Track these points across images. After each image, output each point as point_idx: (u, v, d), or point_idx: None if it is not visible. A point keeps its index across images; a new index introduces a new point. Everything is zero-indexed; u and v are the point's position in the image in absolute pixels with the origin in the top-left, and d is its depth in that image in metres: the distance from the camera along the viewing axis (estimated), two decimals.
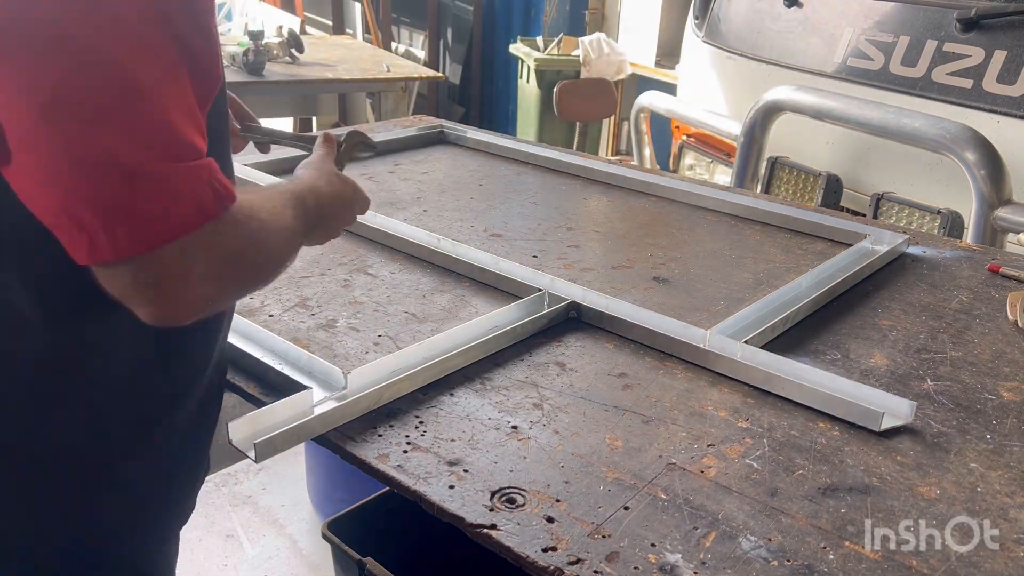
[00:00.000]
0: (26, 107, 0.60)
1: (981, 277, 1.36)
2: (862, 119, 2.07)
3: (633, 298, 1.22)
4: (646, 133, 3.14)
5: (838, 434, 0.91)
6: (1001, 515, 0.78)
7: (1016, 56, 1.93)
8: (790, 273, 1.35)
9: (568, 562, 0.70)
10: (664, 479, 0.82)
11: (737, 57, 2.66)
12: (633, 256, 1.41)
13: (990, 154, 1.81)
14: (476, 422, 0.90)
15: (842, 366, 1.06)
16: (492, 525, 0.75)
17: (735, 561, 0.71)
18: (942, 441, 0.90)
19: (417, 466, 0.83)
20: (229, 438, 0.83)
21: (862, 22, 2.29)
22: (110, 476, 0.79)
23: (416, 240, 1.36)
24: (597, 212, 1.67)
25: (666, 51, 4.43)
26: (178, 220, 0.63)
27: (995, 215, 1.81)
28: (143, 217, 0.62)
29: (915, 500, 0.80)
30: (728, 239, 1.51)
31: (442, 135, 2.08)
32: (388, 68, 3.78)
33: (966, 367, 1.07)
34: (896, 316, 1.21)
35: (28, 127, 0.61)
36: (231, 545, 2.20)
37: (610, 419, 0.92)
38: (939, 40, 2.08)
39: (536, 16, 5.51)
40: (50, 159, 0.61)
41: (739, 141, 2.39)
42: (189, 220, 0.64)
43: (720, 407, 0.95)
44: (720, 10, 2.76)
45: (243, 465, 2.46)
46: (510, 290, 1.23)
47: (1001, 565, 0.72)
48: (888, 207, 2.04)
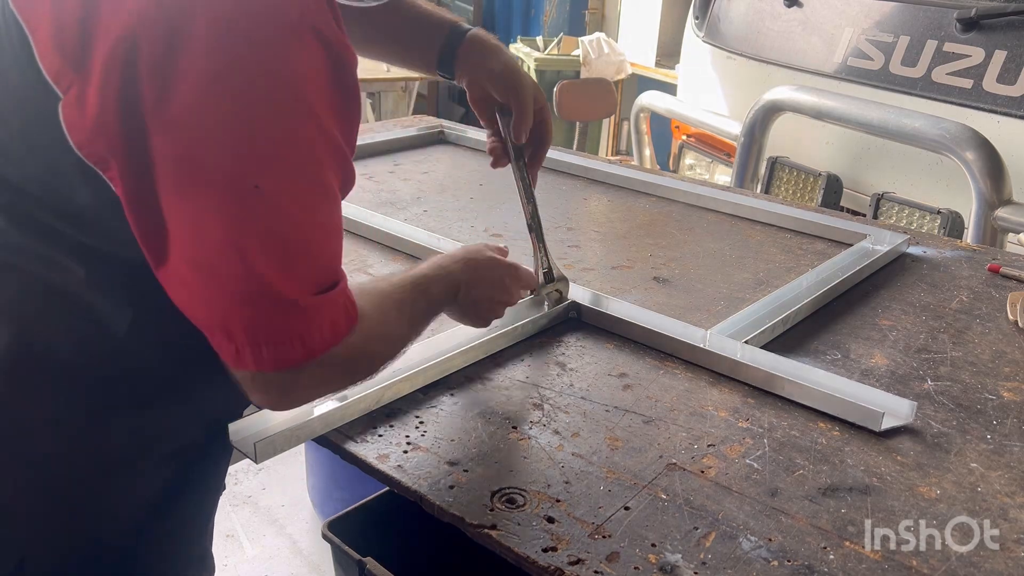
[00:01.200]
0: (198, 235, 0.65)
1: (981, 277, 1.36)
2: (862, 119, 2.07)
3: (633, 298, 1.22)
4: (646, 133, 3.14)
5: (838, 434, 0.91)
6: (1001, 515, 0.78)
7: (1016, 56, 1.93)
8: (790, 273, 1.35)
9: (568, 562, 0.70)
10: (664, 479, 0.82)
11: (737, 57, 2.66)
12: (633, 256, 1.41)
13: (990, 154, 1.81)
14: (476, 422, 0.90)
15: (842, 366, 1.06)
16: (492, 525, 0.75)
17: (735, 561, 0.71)
18: (942, 441, 0.90)
19: (417, 466, 0.83)
20: (229, 438, 0.83)
21: (862, 22, 2.29)
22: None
23: (416, 240, 1.36)
24: (597, 212, 1.67)
25: (666, 51, 4.43)
26: (317, 345, 0.70)
27: (995, 215, 1.81)
28: (288, 342, 0.68)
29: (915, 500, 0.80)
30: (728, 239, 1.51)
31: (442, 135, 2.08)
32: (388, 68, 3.78)
33: (966, 367, 1.07)
34: (896, 316, 1.21)
35: (202, 253, 0.65)
36: (231, 545, 2.20)
37: (610, 419, 0.92)
38: (939, 40, 2.08)
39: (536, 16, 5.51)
40: (219, 285, 0.66)
41: (739, 141, 2.39)
42: (325, 343, 0.71)
43: (720, 407, 0.95)
44: (720, 10, 2.76)
45: (243, 465, 2.46)
46: None
47: (1001, 565, 0.72)
48: (888, 207, 2.04)
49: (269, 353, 0.68)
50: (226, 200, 0.64)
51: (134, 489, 0.78)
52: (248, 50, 0.62)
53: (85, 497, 0.76)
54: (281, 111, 0.65)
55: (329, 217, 0.71)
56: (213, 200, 0.64)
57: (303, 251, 0.69)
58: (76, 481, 0.75)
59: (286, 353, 0.68)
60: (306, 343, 0.69)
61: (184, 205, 0.64)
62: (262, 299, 0.67)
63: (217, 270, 0.66)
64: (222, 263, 0.65)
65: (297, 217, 0.67)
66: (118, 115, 0.62)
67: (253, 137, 0.64)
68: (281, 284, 0.67)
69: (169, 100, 0.61)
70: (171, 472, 0.80)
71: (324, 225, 0.71)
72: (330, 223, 0.71)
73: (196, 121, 0.62)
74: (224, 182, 0.64)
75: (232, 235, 0.65)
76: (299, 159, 0.66)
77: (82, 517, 0.76)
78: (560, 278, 1.15)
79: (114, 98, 0.62)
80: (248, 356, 0.68)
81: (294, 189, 0.66)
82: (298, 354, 0.69)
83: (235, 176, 0.64)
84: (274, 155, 0.65)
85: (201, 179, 0.63)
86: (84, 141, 0.64)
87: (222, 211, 0.64)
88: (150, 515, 0.80)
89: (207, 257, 0.66)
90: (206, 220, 0.64)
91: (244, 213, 0.65)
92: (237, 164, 0.64)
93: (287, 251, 0.67)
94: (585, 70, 4.58)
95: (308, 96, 0.66)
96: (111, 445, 0.75)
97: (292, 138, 0.66)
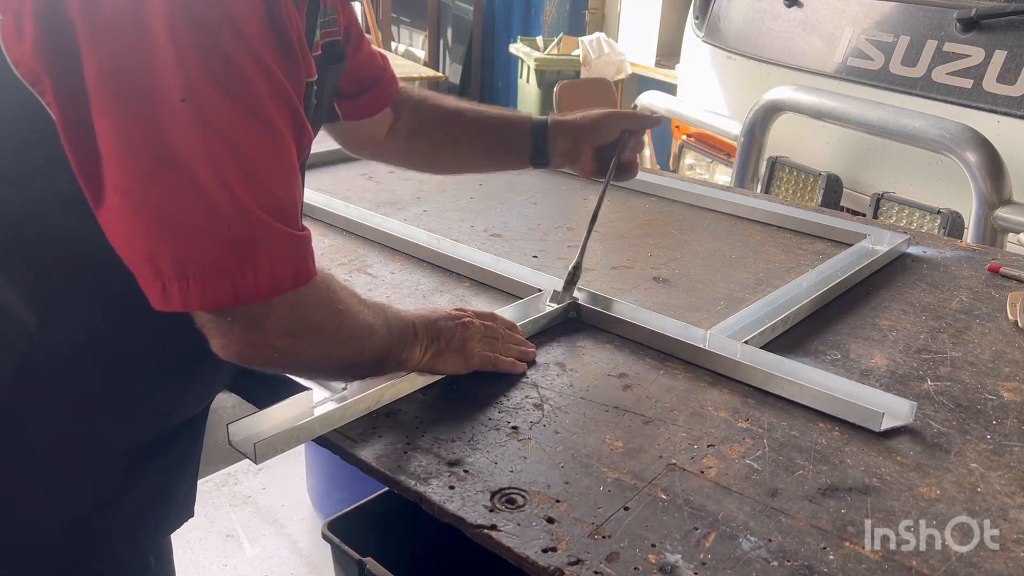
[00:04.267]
0: (129, 157, 0.63)
1: (981, 277, 1.36)
2: (862, 119, 2.07)
3: (633, 298, 1.22)
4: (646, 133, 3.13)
5: (838, 434, 0.91)
6: (1001, 515, 0.78)
7: (1016, 56, 1.93)
8: (790, 273, 1.35)
9: (568, 562, 0.70)
10: (664, 479, 0.82)
11: (737, 57, 2.66)
12: (633, 256, 1.41)
13: (990, 154, 1.81)
14: (476, 422, 0.90)
15: (842, 366, 1.06)
16: (492, 526, 0.75)
17: (735, 561, 0.71)
18: (942, 441, 0.90)
19: (417, 466, 0.83)
20: (229, 439, 0.83)
21: (862, 22, 2.29)
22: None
23: (416, 240, 1.36)
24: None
25: (666, 51, 4.43)
26: (274, 282, 0.68)
27: (995, 215, 1.81)
28: (237, 274, 0.66)
29: (915, 500, 0.80)
30: (728, 239, 1.51)
31: None
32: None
33: (966, 367, 1.07)
34: (896, 316, 1.21)
35: (131, 178, 0.63)
36: (231, 545, 2.20)
37: (610, 419, 0.92)
38: (939, 40, 2.08)
39: (536, 16, 5.51)
40: (146, 212, 0.64)
41: (739, 141, 2.39)
42: (284, 282, 0.69)
43: (720, 407, 0.95)
44: (720, 10, 2.76)
45: (243, 465, 2.47)
46: (510, 290, 1.23)
47: (1001, 565, 0.72)
48: (888, 207, 2.04)
49: (197, 288, 0.65)
50: (153, 114, 0.62)
51: (68, 490, 0.77)
52: None
53: (11, 497, 0.75)
54: (212, 31, 0.63)
55: (275, 152, 0.68)
56: (139, 116, 0.62)
57: (246, 172, 0.65)
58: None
59: (218, 288, 0.65)
60: (260, 277, 0.66)
61: (110, 125, 0.62)
62: (198, 219, 0.64)
63: (146, 192, 0.63)
64: (150, 183, 0.63)
65: (233, 137, 0.65)
66: (50, 31, 0.61)
67: (181, 53, 0.61)
68: (219, 195, 0.64)
69: (99, 7, 0.60)
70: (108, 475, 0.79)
71: (269, 157, 0.68)
72: (278, 159, 0.68)
73: (122, 31, 0.61)
74: (148, 95, 0.62)
75: (159, 148, 0.63)
76: (232, 82, 0.64)
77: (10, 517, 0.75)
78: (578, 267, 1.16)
79: (46, 10, 0.61)
80: (175, 293, 0.65)
81: (229, 111, 0.64)
82: (253, 288, 0.66)
83: (160, 89, 0.62)
84: (204, 73, 0.63)
85: (125, 94, 0.62)
86: (20, 59, 0.63)
87: (149, 126, 0.62)
88: (91, 512, 0.78)
89: (135, 180, 0.63)
90: (133, 136, 0.62)
91: (175, 127, 0.62)
92: (162, 78, 0.61)
93: (225, 166, 0.64)
94: (585, 70, 4.58)
95: (241, 25, 0.64)
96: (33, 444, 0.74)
97: (225, 60, 0.63)
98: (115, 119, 0.62)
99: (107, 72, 0.62)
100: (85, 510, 0.78)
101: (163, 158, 0.63)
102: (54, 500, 0.76)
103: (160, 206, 0.64)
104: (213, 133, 0.64)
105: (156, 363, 0.78)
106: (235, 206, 0.65)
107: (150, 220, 0.64)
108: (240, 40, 0.64)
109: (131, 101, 0.62)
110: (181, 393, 0.84)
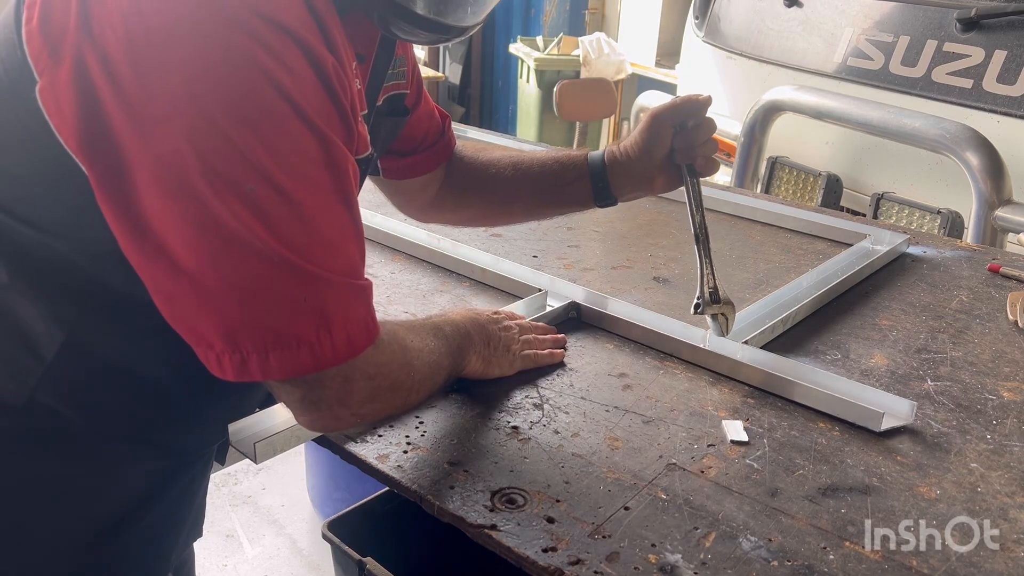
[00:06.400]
0: (198, 237, 0.62)
1: (981, 277, 1.36)
2: (862, 119, 2.07)
3: (633, 298, 1.22)
4: None
5: (838, 434, 0.91)
6: (1001, 515, 0.78)
7: (1016, 56, 1.93)
8: (790, 273, 1.35)
9: (568, 562, 0.70)
10: (664, 479, 0.82)
11: (737, 57, 2.66)
12: (633, 256, 1.41)
13: (990, 154, 1.81)
14: (476, 422, 0.90)
15: (842, 366, 1.06)
16: (492, 525, 0.75)
17: (735, 561, 0.71)
18: (942, 441, 0.90)
19: (417, 466, 0.83)
20: (229, 439, 0.83)
21: (862, 22, 2.29)
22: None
23: (416, 240, 1.36)
24: (597, 212, 1.66)
25: (666, 51, 4.43)
26: (343, 345, 0.67)
27: (995, 215, 1.81)
28: (304, 344, 0.65)
29: (915, 500, 0.80)
30: (728, 239, 1.51)
31: None
32: None
33: (966, 367, 1.07)
34: (896, 316, 1.21)
35: (200, 257, 0.62)
36: (231, 545, 2.20)
37: (610, 419, 0.92)
38: (939, 40, 2.08)
39: (536, 16, 5.50)
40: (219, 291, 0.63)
41: (739, 141, 2.39)
42: (358, 341, 0.69)
43: (720, 407, 0.95)
44: (720, 10, 2.76)
45: (243, 465, 2.46)
46: (510, 290, 1.23)
47: (1001, 565, 0.72)
48: (888, 207, 2.04)
49: (276, 358, 0.64)
50: (218, 203, 0.61)
51: (75, 521, 0.76)
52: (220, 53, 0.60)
53: (20, 524, 0.74)
54: (262, 109, 0.61)
55: (339, 216, 0.67)
56: (204, 205, 0.61)
57: (317, 241, 0.65)
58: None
59: (296, 356, 0.65)
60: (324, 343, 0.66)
61: (169, 207, 0.61)
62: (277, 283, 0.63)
63: (217, 270, 0.62)
64: (218, 262, 0.62)
65: (301, 206, 0.64)
66: (81, 107, 0.60)
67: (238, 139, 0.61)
68: (297, 258, 0.63)
69: (151, 99, 0.59)
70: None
71: (335, 222, 0.67)
72: (342, 222, 0.68)
73: (174, 121, 0.60)
74: (211, 188, 0.61)
75: (226, 230, 0.61)
76: (292, 158, 0.63)
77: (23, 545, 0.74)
78: (727, 301, 1.03)
79: (79, 91, 0.60)
80: (255, 364, 0.64)
81: (292, 185, 0.63)
82: (319, 357, 0.66)
83: (226, 180, 0.61)
84: (266, 155, 0.62)
85: (187, 184, 0.61)
86: (61, 127, 0.62)
87: (217, 213, 0.61)
88: (99, 542, 0.77)
89: (205, 262, 0.62)
90: (200, 220, 0.61)
91: (242, 212, 0.61)
92: (226, 168, 0.61)
93: (298, 238, 0.63)
94: (585, 70, 4.57)
95: (289, 91, 0.62)
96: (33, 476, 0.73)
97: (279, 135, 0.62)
98: (175, 204, 0.61)
99: (157, 158, 0.61)
100: (93, 539, 0.77)
101: (231, 239, 0.62)
102: (61, 530, 0.75)
103: (234, 283, 0.63)
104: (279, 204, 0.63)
105: (172, 400, 0.78)
106: (306, 275, 0.65)
107: (222, 299, 0.63)
108: (301, 117, 0.63)
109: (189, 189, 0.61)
110: (196, 430, 0.84)
